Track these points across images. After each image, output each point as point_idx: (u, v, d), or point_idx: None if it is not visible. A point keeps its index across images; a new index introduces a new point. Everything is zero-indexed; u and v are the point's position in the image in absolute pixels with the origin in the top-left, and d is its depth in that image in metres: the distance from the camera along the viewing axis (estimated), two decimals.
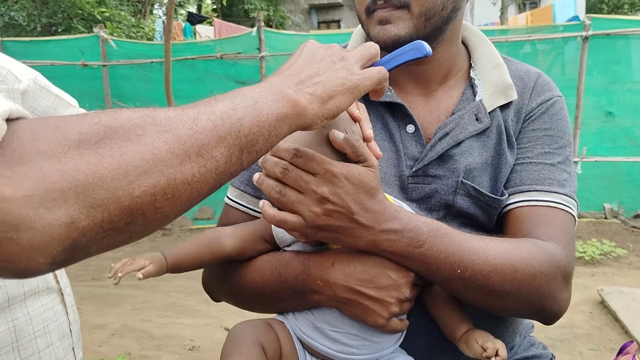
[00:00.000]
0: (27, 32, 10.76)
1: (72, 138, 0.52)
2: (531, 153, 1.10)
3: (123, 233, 0.54)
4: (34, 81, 1.15)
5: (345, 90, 0.75)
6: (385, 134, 1.11)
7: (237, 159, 0.63)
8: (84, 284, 5.32)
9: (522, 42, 6.87)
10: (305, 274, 0.96)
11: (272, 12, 16.94)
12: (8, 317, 0.88)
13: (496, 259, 0.92)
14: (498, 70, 1.14)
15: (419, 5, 1.01)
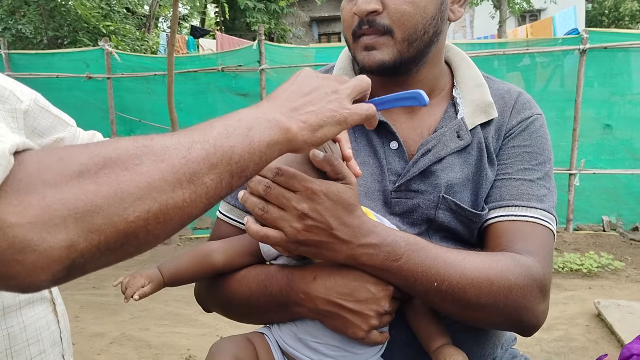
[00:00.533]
0: (33, 44, 10.87)
1: (74, 169, 0.57)
2: (511, 169, 1.14)
3: (117, 253, 0.60)
4: (35, 102, 1.20)
5: (334, 122, 0.80)
6: (369, 150, 1.15)
7: (227, 183, 0.68)
8: (84, 293, 5.36)
9: (521, 54, 6.92)
10: (288, 287, 1.00)
11: (274, 25, 17.05)
12: (3, 325, 0.92)
13: (472, 272, 0.95)
14: (479, 89, 1.19)
15: (402, 31, 1.06)
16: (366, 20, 1.07)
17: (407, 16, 1.06)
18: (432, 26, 1.09)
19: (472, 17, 20.74)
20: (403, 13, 1.05)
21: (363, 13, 1.06)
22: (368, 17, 1.06)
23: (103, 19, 11.82)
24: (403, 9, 1.05)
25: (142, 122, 7.65)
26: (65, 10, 11.24)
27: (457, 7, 1.16)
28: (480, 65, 4.71)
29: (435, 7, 1.08)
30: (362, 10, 1.05)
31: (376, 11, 1.06)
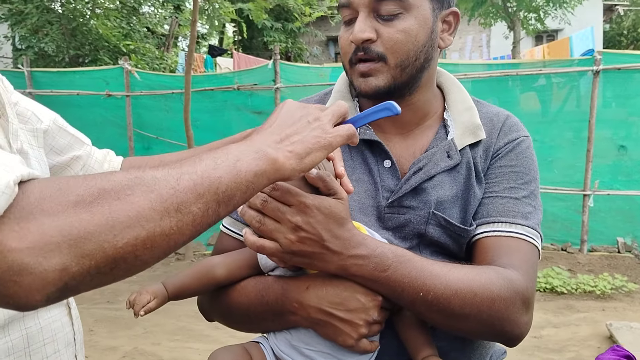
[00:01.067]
0: (55, 62, 11.11)
1: (71, 199, 0.63)
2: (498, 187, 1.20)
3: (107, 276, 0.65)
4: (54, 122, 1.28)
5: (320, 147, 0.86)
6: (364, 168, 1.22)
7: (214, 211, 0.73)
8: (99, 307, 5.45)
9: (537, 75, 6.94)
10: (283, 296, 1.06)
11: (291, 44, 17.27)
12: (22, 326, 0.99)
13: (456, 284, 1.01)
14: (469, 112, 1.25)
15: (394, 57, 1.14)
16: (362, 47, 1.14)
17: (400, 44, 1.13)
18: (423, 53, 1.16)
19: (488, 37, 20.80)
20: (396, 41, 1.13)
21: (359, 41, 1.13)
22: (363, 45, 1.14)
23: (124, 38, 12.06)
24: (396, 37, 1.13)
25: (159, 139, 7.78)
26: (86, 30, 11.49)
27: (446, 36, 1.23)
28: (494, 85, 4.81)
29: (425, 35, 1.15)
30: (358, 38, 1.13)
31: (370, 39, 1.13)
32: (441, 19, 1.20)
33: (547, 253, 6.83)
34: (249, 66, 10.92)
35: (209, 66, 13.53)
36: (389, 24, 1.13)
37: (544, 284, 5.77)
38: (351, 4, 1.15)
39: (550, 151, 7.14)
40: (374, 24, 1.13)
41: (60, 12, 11.47)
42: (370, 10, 1.13)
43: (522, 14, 13.68)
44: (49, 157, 1.27)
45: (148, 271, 6.72)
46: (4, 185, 0.60)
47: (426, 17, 1.15)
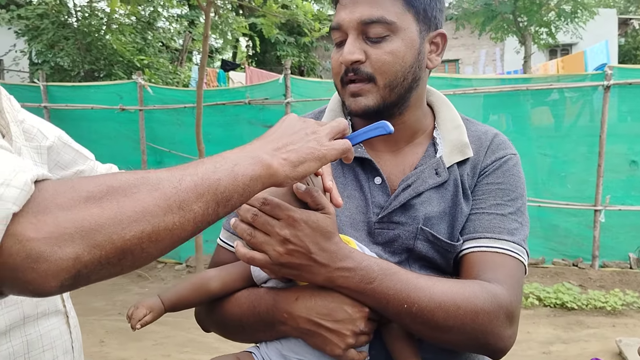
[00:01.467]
0: (71, 77, 11.29)
1: (82, 195, 0.69)
2: (484, 204, 1.23)
3: (116, 267, 0.71)
4: (59, 138, 1.34)
5: (313, 158, 0.91)
6: (355, 185, 1.25)
7: (214, 211, 0.78)
8: (110, 318, 5.50)
9: (548, 90, 6.94)
10: (274, 307, 1.10)
11: (304, 58, 17.41)
12: (23, 333, 1.03)
13: (440, 297, 1.04)
14: (457, 130, 1.29)
15: (383, 78, 1.19)
16: (351, 68, 1.19)
17: (388, 65, 1.18)
18: (411, 74, 1.21)
19: (502, 50, 20.80)
20: (383, 62, 1.18)
21: (348, 62, 1.18)
22: (353, 66, 1.19)
23: (138, 53, 12.23)
24: (383, 58, 1.17)
25: (172, 152, 7.86)
26: (101, 45, 11.67)
27: (434, 57, 1.27)
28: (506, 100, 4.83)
29: (412, 56, 1.20)
30: (347, 60, 1.18)
31: (359, 61, 1.18)
32: (428, 41, 1.24)
33: (558, 268, 6.80)
34: (261, 80, 11.02)
35: (221, 80, 13.66)
36: (377, 45, 1.18)
37: (554, 300, 5.74)
38: (341, 26, 1.20)
39: (563, 166, 7.13)
40: (363, 46, 1.18)
41: (75, 27, 11.66)
42: (359, 32, 1.18)
43: (533, 29, 13.68)
44: (54, 172, 1.33)
45: (159, 283, 6.79)
46: (22, 183, 0.66)
47: (413, 39, 1.20)
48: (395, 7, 1.17)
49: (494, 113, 7.41)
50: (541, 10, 12.84)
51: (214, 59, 19.48)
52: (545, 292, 5.92)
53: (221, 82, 13.63)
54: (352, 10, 1.18)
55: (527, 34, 13.49)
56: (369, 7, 1.17)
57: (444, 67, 21.62)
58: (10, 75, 14.84)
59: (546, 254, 7.09)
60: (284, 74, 7.26)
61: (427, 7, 1.21)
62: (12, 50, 12.48)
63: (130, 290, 6.58)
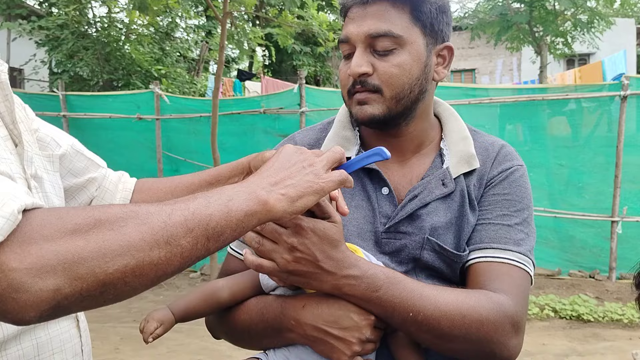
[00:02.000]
0: (89, 86, 11.45)
1: (69, 227, 0.70)
2: (490, 215, 1.24)
3: (98, 299, 0.72)
4: (72, 146, 1.36)
5: (312, 192, 0.92)
6: (363, 195, 1.27)
7: (203, 246, 0.79)
8: (125, 326, 5.54)
9: (566, 100, 6.90)
10: (282, 314, 1.12)
11: (320, 68, 17.48)
12: (33, 336, 1.05)
13: (446, 306, 1.05)
14: (464, 142, 1.30)
15: (390, 90, 1.21)
16: (359, 80, 1.21)
17: (395, 77, 1.20)
18: (417, 86, 1.23)
19: (519, 60, 20.73)
20: (391, 75, 1.20)
21: (356, 75, 1.20)
22: (360, 78, 1.21)
23: (155, 63, 12.37)
24: (390, 71, 1.19)
25: (187, 161, 7.93)
26: (120, 55, 11.83)
27: (440, 69, 1.29)
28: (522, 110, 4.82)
29: (419, 69, 1.22)
30: (355, 72, 1.20)
31: (367, 73, 1.20)
32: (435, 53, 1.26)
33: (574, 280, 6.73)
34: (276, 90, 11.08)
35: (237, 90, 13.76)
36: (384, 58, 1.20)
37: (570, 312, 5.68)
38: (349, 39, 1.22)
39: (580, 177, 7.07)
40: (370, 59, 1.20)
41: (95, 38, 11.84)
42: (366, 45, 1.20)
43: (549, 39, 13.61)
44: (67, 179, 1.35)
45: (174, 291, 6.83)
46: (8, 213, 0.68)
47: (420, 52, 1.22)
48: (402, 21, 1.20)
49: (510, 123, 7.38)
50: (557, 20, 12.78)
51: (231, 68, 19.63)
52: (561, 303, 5.86)
53: (237, 92, 13.72)
54: (360, 24, 1.20)
55: (542, 44, 13.42)
56: (376, 20, 1.19)
57: (460, 76, 21.59)
58: (31, 85, 15.08)
59: (562, 265, 7.02)
60: (298, 84, 7.31)
61: (434, 21, 1.23)
62: (32, 60, 12.69)
63: (145, 297, 6.63)
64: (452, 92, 7.12)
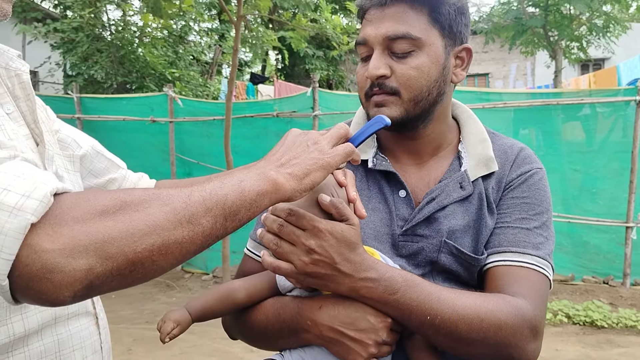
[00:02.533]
0: (104, 89, 11.53)
1: (97, 208, 0.73)
2: (509, 218, 1.23)
3: (127, 278, 0.74)
4: (92, 147, 1.40)
5: (318, 168, 0.94)
6: (380, 198, 1.27)
7: (222, 225, 0.82)
8: (138, 327, 5.57)
9: (579, 104, 6.85)
10: (298, 315, 1.12)
11: (332, 72, 17.49)
12: (54, 332, 1.07)
13: (464, 309, 1.05)
14: (482, 144, 1.29)
15: (408, 92, 1.20)
16: (376, 83, 1.21)
17: (413, 80, 1.19)
18: (436, 88, 1.22)
19: (533, 65, 20.62)
20: (409, 77, 1.19)
21: (374, 77, 1.20)
22: (378, 81, 1.21)
23: (169, 66, 12.43)
24: (409, 73, 1.19)
25: (200, 164, 7.95)
26: (134, 58, 11.90)
27: (459, 71, 1.28)
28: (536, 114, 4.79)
29: (438, 72, 1.22)
30: (373, 74, 1.20)
31: (385, 76, 1.20)
32: (454, 55, 1.26)
33: (588, 286, 6.67)
34: (289, 93, 11.09)
35: (250, 93, 13.80)
36: (402, 61, 1.20)
37: (583, 317, 5.64)
38: (367, 41, 1.22)
39: (594, 182, 7.01)
40: (388, 61, 1.20)
41: (109, 41, 11.92)
42: (384, 47, 1.20)
43: (564, 43, 13.53)
44: (88, 180, 1.38)
45: (186, 293, 6.85)
46: (41, 195, 0.71)
47: (438, 54, 1.21)
48: (420, 23, 1.19)
49: (524, 127, 7.34)
50: (572, 25, 12.71)
51: (243, 72, 19.69)
52: (574, 309, 5.81)
53: (250, 95, 13.76)
54: (377, 26, 1.20)
55: (557, 49, 13.35)
56: (394, 22, 1.19)
57: (473, 80, 21.51)
58: (45, 87, 15.21)
59: (576, 271, 6.97)
60: (312, 87, 7.31)
61: (453, 23, 1.22)
62: (47, 63, 12.81)
63: (158, 299, 6.66)
64: (466, 96, 7.09)
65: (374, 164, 1.29)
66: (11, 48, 1.16)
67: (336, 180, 1.08)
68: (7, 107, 1.08)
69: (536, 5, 12.93)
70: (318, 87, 7.32)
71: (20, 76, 1.13)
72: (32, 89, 1.15)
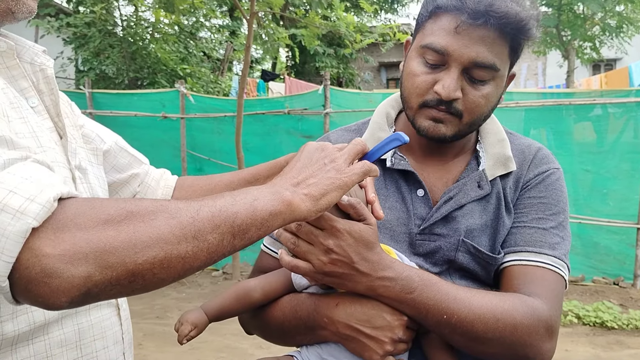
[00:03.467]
0: (115, 84, 11.57)
1: (102, 217, 0.73)
2: (526, 218, 1.24)
3: (126, 288, 0.74)
4: (116, 143, 1.42)
5: (335, 188, 0.92)
6: (398, 197, 1.27)
7: (229, 242, 0.81)
8: (148, 322, 5.60)
9: (591, 105, 6.82)
10: (315, 312, 1.13)
11: (343, 70, 17.47)
12: (75, 321, 1.09)
13: (480, 309, 1.06)
14: (500, 144, 1.30)
15: (470, 117, 1.20)
16: (444, 101, 1.17)
17: (479, 107, 1.19)
18: (490, 112, 1.24)
19: (544, 65, 20.50)
20: (477, 105, 1.18)
21: (449, 98, 1.16)
22: (448, 100, 1.16)
23: (181, 62, 12.46)
24: (478, 101, 1.18)
25: (211, 160, 7.98)
26: (146, 53, 11.93)
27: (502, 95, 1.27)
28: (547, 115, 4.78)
29: (497, 98, 1.23)
30: (450, 96, 1.15)
31: (458, 98, 1.17)
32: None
33: (598, 287, 6.65)
34: (300, 91, 11.10)
35: (261, 90, 13.82)
36: (475, 87, 1.17)
37: (593, 318, 5.62)
38: (448, 54, 1.15)
39: (605, 183, 6.98)
40: (462, 83, 1.16)
41: (121, 36, 11.96)
42: (464, 68, 1.15)
43: (577, 43, 13.45)
44: (111, 175, 1.40)
45: (196, 289, 6.88)
46: (45, 200, 0.72)
47: (503, 82, 1.21)
48: (503, 55, 1.16)
49: (535, 128, 7.31)
50: (585, 25, 12.63)
51: (254, 69, 19.70)
52: (584, 310, 5.80)
53: (261, 92, 13.78)
54: (467, 45, 1.13)
55: (570, 48, 13.26)
56: (486, 49, 1.13)
57: None
58: (57, 82, 15.27)
59: (586, 271, 6.94)
60: (323, 85, 7.31)
61: (520, 52, 1.21)
62: (59, 57, 12.87)
63: (169, 295, 6.69)
64: None
65: (392, 163, 1.29)
66: (35, 44, 1.18)
67: (366, 199, 1.09)
68: (32, 101, 1.10)
69: (549, 4, 12.85)
70: (329, 85, 7.32)
71: (44, 71, 1.15)
72: (56, 84, 1.17)
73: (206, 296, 6.52)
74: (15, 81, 1.08)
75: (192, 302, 6.32)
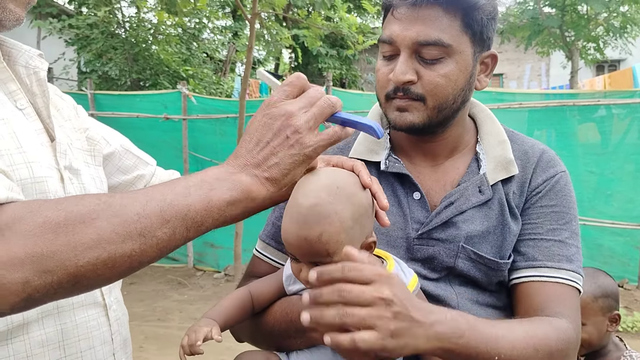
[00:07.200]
0: (118, 86, 11.56)
1: (39, 221, 0.71)
2: (541, 229, 1.21)
3: (70, 290, 0.72)
4: (121, 145, 1.43)
5: (299, 164, 0.86)
6: (394, 200, 1.24)
7: (182, 235, 0.77)
8: (150, 324, 5.58)
9: (595, 106, 6.78)
10: None
11: (345, 71, 17.43)
12: (57, 321, 1.07)
13: (520, 344, 1.02)
14: (501, 146, 1.26)
15: (433, 100, 1.16)
16: (401, 88, 1.16)
17: (440, 88, 1.15)
18: (461, 96, 1.19)
19: (547, 65, 20.46)
20: (436, 85, 1.14)
21: (400, 83, 1.15)
22: (404, 86, 1.15)
23: (183, 63, 12.45)
24: (436, 81, 1.14)
25: (213, 161, 7.95)
26: (148, 55, 11.92)
27: (483, 77, 1.24)
28: (551, 115, 4.74)
29: (465, 79, 1.17)
30: (400, 80, 1.14)
31: (411, 82, 1.14)
32: (480, 61, 1.21)
33: None
34: None
35: (264, 91, 13.80)
36: (430, 67, 1.14)
37: None
38: (393, 42, 1.15)
39: (609, 184, 6.94)
40: (416, 66, 1.15)
41: (124, 38, 11.95)
42: (412, 51, 1.14)
43: (581, 44, 13.41)
44: (116, 176, 1.40)
45: (198, 291, 6.86)
46: None
47: (467, 61, 1.17)
48: (452, 29, 1.13)
49: (539, 129, 7.27)
50: (589, 25, 12.59)
51: (257, 70, 19.62)
52: None
53: (263, 93, 13.76)
54: (407, 27, 1.13)
55: (574, 49, 13.22)
56: (426, 27, 1.12)
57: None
58: (60, 83, 15.30)
59: None
60: (326, 86, 7.29)
61: (484, 29, 1.17)
62: (61, 59, 12.88)
63: (170, 297, 6.67)
64: (480, 96, 6.94)
65: (386, 166, 1.26)
66: (32, 48, 1.19)
67: (361, 182, 1.02)
68: (20, 103, 1.10)
69: (553, 5, 12.81)
70: (332, 86, 7.29)
71: (37, 74, 1.16)
72: (47, 86, 1.18)
73: (208, 298, 6.49)
74: (3, 84, 1.09)
75: (194, 304, 6.29)
